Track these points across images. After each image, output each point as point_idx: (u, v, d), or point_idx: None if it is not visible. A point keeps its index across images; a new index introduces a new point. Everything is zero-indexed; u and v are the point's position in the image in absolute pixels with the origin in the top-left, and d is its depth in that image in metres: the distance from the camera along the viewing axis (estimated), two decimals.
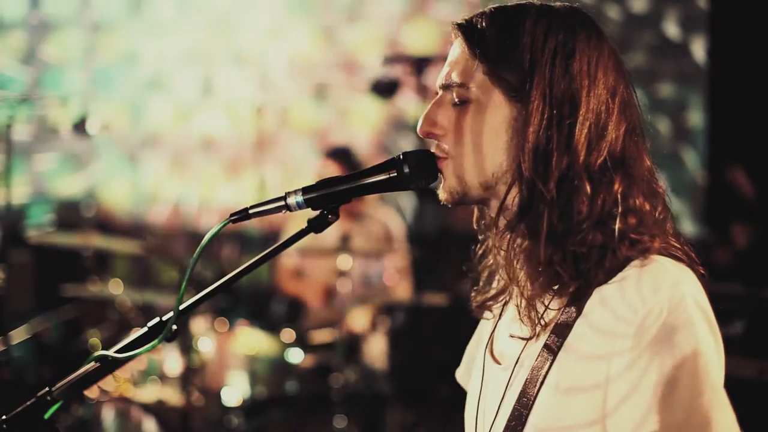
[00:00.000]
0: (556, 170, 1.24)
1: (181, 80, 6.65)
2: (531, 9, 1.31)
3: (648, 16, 6.15)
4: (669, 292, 1.18)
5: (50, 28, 6.75)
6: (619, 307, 1.20)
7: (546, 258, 1.24)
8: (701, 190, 6.03)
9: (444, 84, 1.34)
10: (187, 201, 6.51)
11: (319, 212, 1.33)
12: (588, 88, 1.27)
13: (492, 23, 1.31)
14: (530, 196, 1.26)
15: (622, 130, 1.28)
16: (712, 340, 1.20)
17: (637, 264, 1.22)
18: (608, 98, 1.28)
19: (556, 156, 1.25)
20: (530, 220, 1.26)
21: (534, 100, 1.25)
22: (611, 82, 1.29)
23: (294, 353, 4.34)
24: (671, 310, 1.17)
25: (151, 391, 3.98)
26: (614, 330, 1.19)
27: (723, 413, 1.18)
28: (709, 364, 1.17)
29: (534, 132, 1.25)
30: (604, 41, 1.32)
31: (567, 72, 1.26)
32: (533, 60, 1.26)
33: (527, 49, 1.27)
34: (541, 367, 1.25)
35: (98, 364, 1.27)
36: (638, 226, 1.25)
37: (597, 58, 1.29)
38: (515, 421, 1.27)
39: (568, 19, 1.31)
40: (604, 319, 1.21)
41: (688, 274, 1.24)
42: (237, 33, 6.63)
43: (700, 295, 1.22)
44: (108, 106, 6.64)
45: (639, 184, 1.28)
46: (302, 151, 6.47)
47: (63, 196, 6.54)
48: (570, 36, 1.28)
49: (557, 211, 1.24)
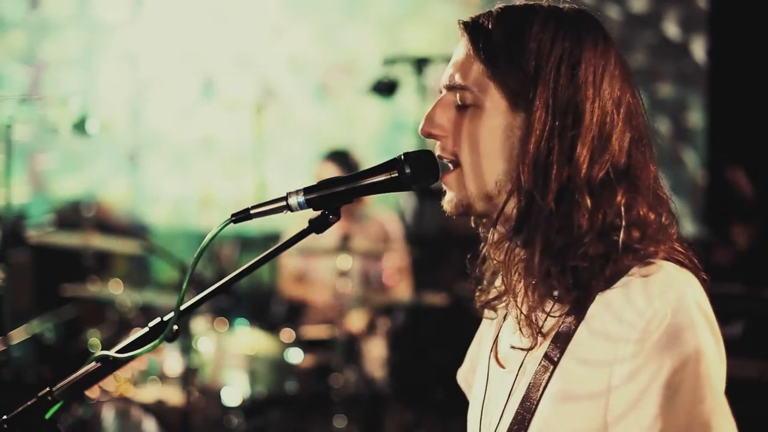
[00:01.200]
0: (556, 182, 1.22)
1: (181, 80, 6.65)
2: (539, 12, 1.29)
3: (648, 16, 6.15)
4: (672, 296, 1.17)
5: (50, 28, 6.75)
6: (621, 312, 1.19)
7: (543, 271, 1.23)
8: (701, 190, 6.03)
9: (448, 85, 1.32)
10: (187, 201, 6.51)
11: (320, 212, 1.32)
12: (593, 98, 1.25)
13: (499, 25, 1.29)
14: (528, 207, 1.24)
15: (626, 140, 1.26)
16: (715, 345, 1.20)
17: (639, 269, 1.21)
18: (613, 109, 1.26)
19: (556, 168, 1.23)
20: (527, 232, 1.25)
21: (537, 109, 1.24)
22: (617, 92, 1.27)
23: (294, 353, 4.34)
24: (674, 315, 1.16)
25: (151, 391, 3.97)
26: (617, 335, 1.18)
27: (723, 420, 1.17)
28: (711, 369, 1.17)
29: (535, 142, 1.23)
30: (611, 48, 1.30)
31: (572, 82, 1.24)
32: (538, 67, 1.24)
33: (533, 55, 1.25)
34: (544, 372, 1.25)
35: (99, 364, 1.27)
36: (642, 238, 1.23)
37: (603, 67, 1.27)
38: (518, 425, 1.26)
39: (575, 24, 1.29)
40: (606, 324, 1.20)
41: (691, 279, 1.23)
42: (237, 33, 6.63)
43: (703, 300, 1.21)
44: (108, 106, 6.63)
45: (644, 193, 1.26)
46: (302, 151, 6.47)
47: (63, 196, 6.53)
48: (577, 43, 1.26)
49: (556, 225, 1.23)
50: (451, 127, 1.31)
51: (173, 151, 6.69)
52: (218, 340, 4.23)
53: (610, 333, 1.19)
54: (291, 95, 6.56)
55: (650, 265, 1.21)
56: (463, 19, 1.34)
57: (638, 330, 1.16)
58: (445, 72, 1.34)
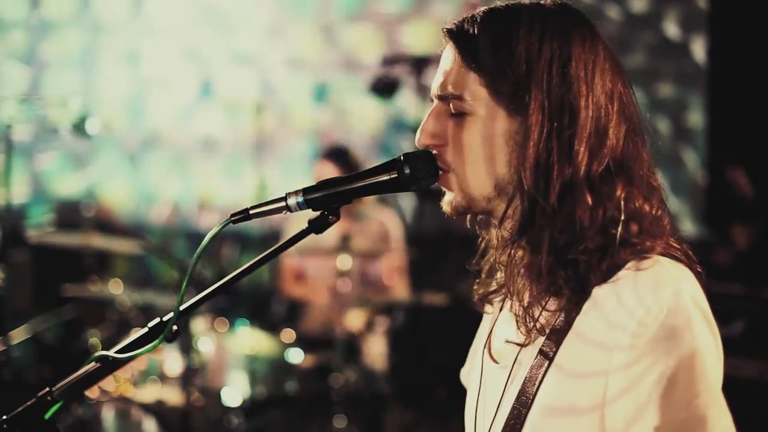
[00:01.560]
0: (558, 183, 1.23)
1: (181, 80, 6.65)
2: (523, 12, 1.29)
3: (648, 16, 6.15)
4: (668, 291, 1.18)
5: (50, 28, 6.75)
6: (617, 305, 1.19)
7: (547, 269, 1.24)
8: (701, 190, 6.02)
9: (439, 95, 1.32)
10: (187, 201, 6.51)
11: (319, 213, 1.32)
12: (586, 95, 1.25)
13: (484, 31, 1.28)
14: (531, 209, 1.25)
15: (622, 132, 1.27)
16: (711, 339, 1.20)
17: (635, 264, 1.21)
18: (607, 102, 1.26)
19: (557, 168, 1.23)
20: (532, 234, 1.25)
21: (532, 113, 1.24)
22: (608, 84, 1.27)
23: (294, 353, 4.34)
24: (670, 309, 1.17)
25: (151, 391, 3.98)
26: (612, 330, 1.19)
27: (719, 414, 1.18)
28: (707, 363, 1.18)
29: (534, 146, 1.23)
30: (599, 41, 1.30)
31: (564, 80, 1.24)
32: (529, 71, 1.24)
33: (522, 59, 1.25)
34: (540, 366, 1.25)
35: (99, 364, 1.27)
36: (640, 232, 1.24)
37: (593, 62, 1.27)
38: (514, 420, 1.27)
39: (561, 21, 1.28)
40: (601, 318, 1.21)
41: (687, 273, 1.23)
42: (237, 33, 6.63)
43: (699, 295, 1.22)
44: (108, 106, 6.64)
45: (638, 184, 1.27)
46: (302, 151, 6.47)
47: (63, 196, 6.54)
48: (565, 42, 1.26)
49: (559, 224, 1.23)
50: (446, 136, 1.31)
51: (173, 151, 6.69)
52: (218, 340, 4.23)
53: (605, 328, 1.20)
54: (291, 95, 6.56)
55: (646, 260, 1.22)
56: (447, 26, 1.33)
57: (633, 324, 1.17)
58: (435, 81, 1.34)
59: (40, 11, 6.76)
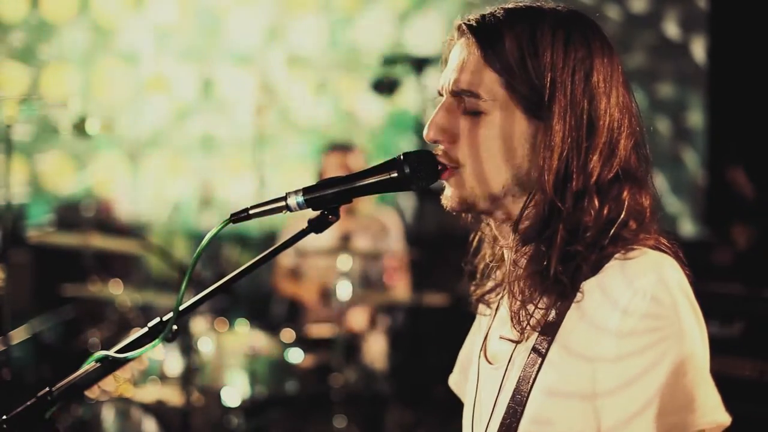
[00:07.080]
0: (574, 189, 1.26)
1: (181, 80, 6.65)
2: (545, 17, 1.29)
3: (648, 16, 6.15)
4: (653, 277, 1.20)
5: (50, 28, 6.75)
6: (605, 293, 1.22)
7: (551, 267, 1.25)
8: (701, 190, 6.02)
9: (453, 90, 1.31)
10: (187, 201, 6.51)
11: (319, 212, 1.32)
12: (604, 108, 1.28)
13: (510, 32, 1.28)
14: (550, 213, 1.27)
15: (631, 144, 1.30)
16: (696, 322, 1.22)
17: (622, 254, 1.24)
18: (620, 116, 1.29)
19: (575, 177, 1.26)
20: (547, 235, 1.27)
21: (556, 123, 1.25)
22: (621, 98, 1.30)
23: (294, 353, 4.34)
24: (655, 294, 1.19)
25: (151, 391, 3.97)
26: (601, 317, 1.21)
27: (706, 393, 1.20)
28: (694, 344, 1.20)
29: (558, 155, 1.26)
30: (614, 53, 1.32)
31: (585, 92, 1.27)
32: (554, 79, 1.26)
33: (548, 66, 1.26)
34: (533, 364, 1.27)
35: (98, 365, 1.27)
36: (636, 229, 1.27)
37: (611, 76, 1.29)
38: (510, 419, 1.28)
39: (582, 31, 1.30)
40: (591, 307, 1.23)
41: (672, 261, 1.26)
42: (237, 32, 6.63)
43: (684, 281, 1.24)
44: (108, 106, 6.63)
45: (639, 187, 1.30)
46: (302, 150, 6.46)
47: (63, 196, 6.53)
48: (587, 53, 1.28)
49: (569, 225, 1.26)
50: (456, 133, 1.31)
51: (173, 151, 6.68)
52: (218, 340, 4.23)
53: (594, 319, 1.22)
54: (291, 95, 6.56)
55: (633, 251, 1.24)
56: (466, 21, 1.32)
57: (619, 313, 1.19)
58: (447, 75, 1.33)
59: (40, 11, 6.75)
